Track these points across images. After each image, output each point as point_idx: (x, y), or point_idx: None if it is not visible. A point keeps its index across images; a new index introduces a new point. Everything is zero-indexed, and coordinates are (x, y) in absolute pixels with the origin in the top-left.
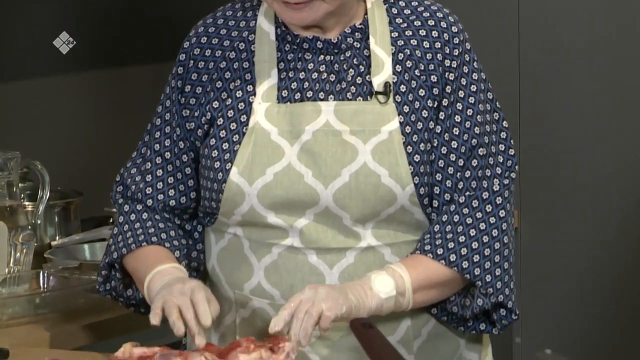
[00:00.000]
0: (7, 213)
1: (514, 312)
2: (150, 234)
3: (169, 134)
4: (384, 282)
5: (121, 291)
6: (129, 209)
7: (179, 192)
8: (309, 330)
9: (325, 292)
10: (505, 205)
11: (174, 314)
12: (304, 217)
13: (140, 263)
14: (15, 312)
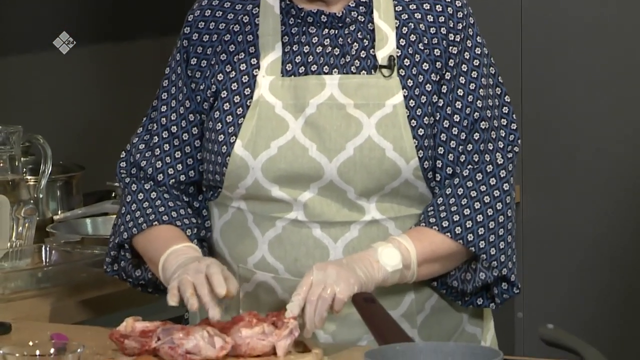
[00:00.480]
0: (9, 187)
1: (516, 286)
2: (160, 212)
3: (175, 108)
4: (391, 255)
5: (130, 272)
6: (137, 187)
7: (187, 166)
8: (324, 314)
9: (335, 273)
10: (509, 179)
11: (188, 290)
12: (308, 191)
13: (152, 243)
14: (17, 286)
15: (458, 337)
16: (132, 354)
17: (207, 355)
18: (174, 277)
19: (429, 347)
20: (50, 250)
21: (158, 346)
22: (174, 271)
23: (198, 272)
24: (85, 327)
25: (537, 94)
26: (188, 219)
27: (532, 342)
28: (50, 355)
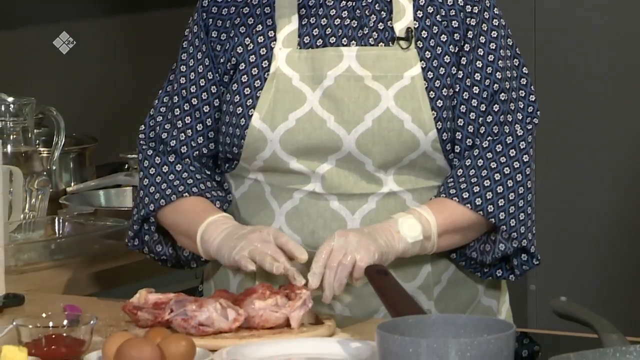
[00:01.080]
0: (23, 159)
1: (535, 257)
2: (189, 184)
3: (195, 80)
4: (412, 226)
5: (152, 246)
6: (161, 160)
7: (208, 139)
8: (344, 281)
9: (356, 240)
10: (529, 150)
11: (267, 259)
12: (326, 163)
13: (184, 216)
14: (30, 258)
15: (474, 309)
16: (145, 326)
17: (220, 327)
18: (236, 250)
19: (441, 319)
20: (63, 222)
21: (171, 318)
22: (225, 245)
23: (266, 242)
24: (98, 299)
25: (550, 64)
26: (215, 191)
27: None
28: (63, 327)
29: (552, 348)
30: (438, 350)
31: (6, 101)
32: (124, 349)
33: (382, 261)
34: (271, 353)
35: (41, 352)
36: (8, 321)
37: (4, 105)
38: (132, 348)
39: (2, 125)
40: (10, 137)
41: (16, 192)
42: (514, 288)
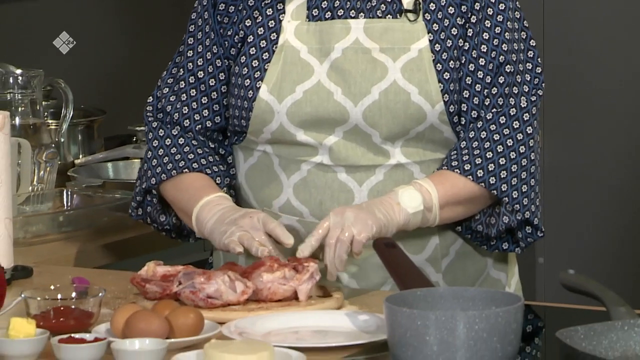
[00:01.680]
0: (31, 131)
1: (539, 230)
2: (190, 159)
3: (202, 53)
4: (412, 197)
5: (155, 217)
6: (164, 133)
7: (213, 112)
8: (344, 257)
9: (353, 215)
10: (532, 122)
11: (255, 245)
12: (334, 135)
13: (182, 192)
14: (38, 230)
15: (483, 282)
16: (154, 298)
17: (228, 300)
18: (227, 234)
19: (449, 292)
20: (72, 194)
21: (179, 290)
22: (217, 227)
23: (256, 229)
24: (106, 271)
25: (559, 37)
26: (217, 166)
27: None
28: (71, 299)
29: (560, 321)
30: (446, 322)
31: (14, 73)
32: (132, 321)
33: (382, 234)
34: (279, 325)
35: (49, 324)
36: (16, 293)
37: (12, 77)
38: (141, 320)
39: (11, 97)
40: (19, 109)
41: (24, 164)
42: (522, 261)
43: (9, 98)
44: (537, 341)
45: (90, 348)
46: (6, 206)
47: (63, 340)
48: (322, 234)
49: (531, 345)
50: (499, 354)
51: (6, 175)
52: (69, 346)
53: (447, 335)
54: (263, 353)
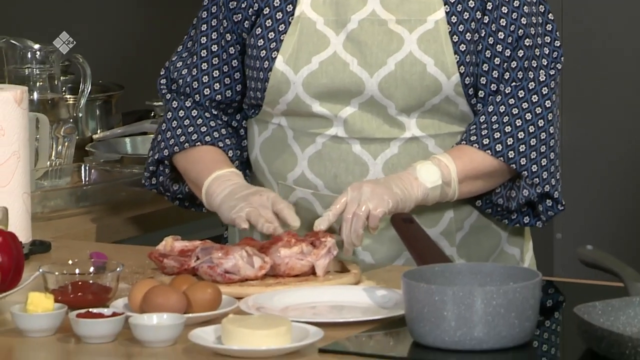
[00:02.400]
0: (49, 106)
1: (560, 203)
2: (202, 132)
3: (216, 27)
4: (430, 172)
5: (168, 186)
6: (178, 105)
7: (224, 86)
8: (360, 231)
9: (369, 190)
10: (551, 96)
11: (261, 220)
12: (349, 106)
13: (194, 165)
14: (57, 205)
15: (497, 257)
16: (171, 273)
17: (246, 275)
18: (235, 210)
19: (467, 268)
20: (90, 169)
21: (197, 265)
22: (226, 201)
23: (264, 207)
24: (124, 246)
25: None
26: (229, 139)
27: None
28: (89, 274)
29: (578, 297)
30: (464, 298)
31: (32, 48)
32: (150, 296)
33: (399, 209)
34: (297, 301)
35: (67, 299)
36: (34, 268)
37: (30, 52)
38: (158, 295)
39: (29, 72)
40: (37, 84)
41: (42, 139)
42: (539, 237)
43: (27, 73)
44: (555, 317)
45: (108, 323)
46: (24, 181)
47: (81, 315)
48: (339, 209)
49: (549, 320)
50: (517, 329)
51: (24, 150)
52: (86, 321)
53: (464, 311)
54: (280, 328)
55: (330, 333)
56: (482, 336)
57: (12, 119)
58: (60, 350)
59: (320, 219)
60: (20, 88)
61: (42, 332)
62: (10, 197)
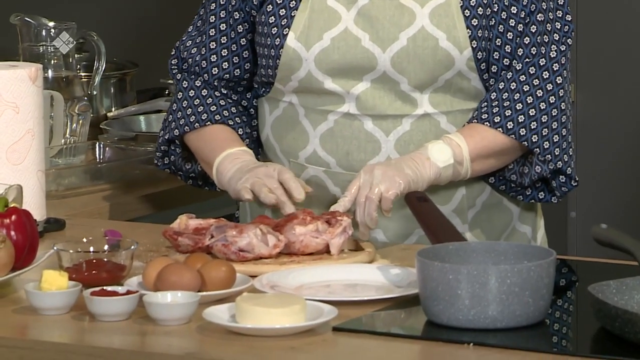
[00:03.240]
0: (64, 84)
1: (573, 179)
2: (212, 112)
3: (224, 5)
4: (441, 151)
5: (180, 165)
6: (188, 84)
7: (233, 64)
8: (374, 214)
9: (381, 173)
10: (562, 72)
11: (264, 189)
12: (362, 83)
13: (205, 143)
14: (71, 183)
15: (509, 235)
16: (186, 251)
17: (260, 253)
18: (241, 180)
19: (481, 246)
20: (104, 147)
21: (211, 244)
22: (235, 176)
23: (270, 177)
24: (138, 224)
25: None
26: (239, 117)
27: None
28: (104, 252)
29: (592, 275)
30: (478, 277)
31: (47, 26)
32: (164, 274)
33: (412, 190)
34: (311, 279)
35: (82, 276)
36: (49, 246)
37: (45, 30)
38: (173, 273)
39: (43, 50)
40: (51, 62)
41: (57, 117)
42: (554, 215)
43: (42, 51)
44: (569, 295)
45: (123, 301)
46: (39, 159)
47: (95, 292)
48: (354, 193)
49: (563, 299)
50: (531, 308)
51: (39, 127)
52: (101, 299)
53: (479, 289)
54: (295, 306)
55: (345, 311)
56: (496, 315)
57: (27, 96)
58: (75, 328)
59: (336, 205)
60: (35, 65)
61: (56, 310)
62: (25, 175)
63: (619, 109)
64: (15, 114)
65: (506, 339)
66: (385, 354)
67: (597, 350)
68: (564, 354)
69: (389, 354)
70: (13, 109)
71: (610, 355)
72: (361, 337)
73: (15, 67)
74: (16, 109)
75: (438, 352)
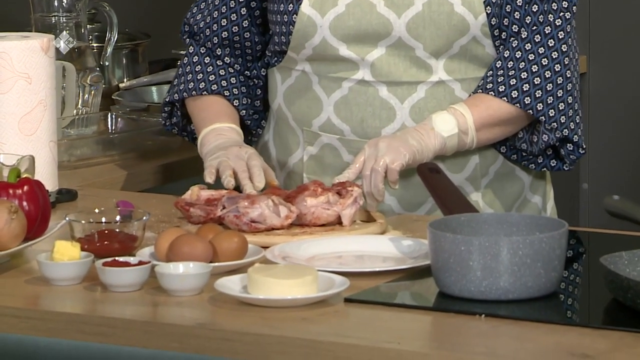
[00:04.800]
0: (76, 54)
1: (580, 147)
2: (210, 81)
3: None
4: (445, 121)
5: (184, 126)
6: (193, 50)
7: (242, 29)
8: (380, 186)
9: (385, 145)
10: (567, 40)
11: (227, 172)
12: (377, 49)
13: (199, 111)
14: (83, 154)
15: (520, 205)
16: (197, 222)
17: (272, 224)
18: (213, 156)
19: (493, 217)
20: (116, 117)
21: (223, 215)
22: (212, 151)
23: (239, 159)
24: (150, 194)
25: None
26: (238, 88)
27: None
28: (116, 223)
29: (604, 247)
30: (490, 248)
31: None
32: (176, 245)
33: (417, 161)
34: (323, 250)
35: (94, 247)
36: (61, 216)
37: (57, 0)
38: (185, 244)
39: (55, 20)
40: (63, 32)
41: (69, 87)
42: (565, 187)
43: (54, 21)
44: (581, 267)
45: (134, 271)
46: (51, 129)
47: (107, 263)
48: (358, 167)
49: (575, 271)
50: (543, 279)
51: (51, 98)
52: (113, 269)
53: (490, 261)
54: (306, 277)
55: (356, 283)
56: (508, 286)
57: (39, 67)
58: (87, 299)
59: (339, 176)
60: (47, 36)
61: (68, 281)
62: (37, 146)
63: (632, 79)
64: (28, 84)
65: (518, 310)
66: (397, 325)
67: (609, 321)
68: (575, 325)
69: (401, 325)
70: (25, 80)
71: (623, 326)
72: (373, 308)
73: (28, 37)
74: (28, 80)
75: (450, 323)
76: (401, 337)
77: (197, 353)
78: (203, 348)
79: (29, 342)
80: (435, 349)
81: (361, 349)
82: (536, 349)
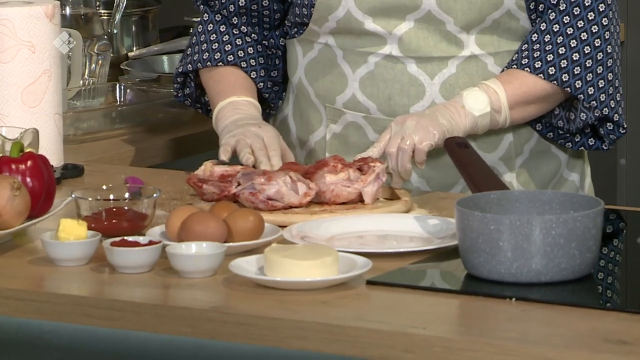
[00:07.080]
0: (82, 22)
1: (621, 126)
2: (226, 51)
3: None
4: (477, 99)
5: (198, 97)
6: (208, 18)
7: None
8: (407, 166)
9: (414, 123)
10: (608, 12)
11: (245, 149)
12: (404, 23)
13: (215, 84)
14: (90, 127)
15: (556, 183)
16: (211, 200)
17: (290, 202)
18: (230, 134)
19: (525, 195)
20: (125, 88)
21: (238, 192)
22: (228, 127)
23: (257, 137)
24: (161, 170)
25: None
26: (255, 59)
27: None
28: (124, 200)
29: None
30: (521, 227)
31: None
32: (188, 223)
33: None
34: (343, 230)
35: (101, 226)
36: (66, 193)
37: None
38: (197, 223)
39: None
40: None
41: (75, 56)
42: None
43: None
44: (618, 248)
45: (144, 252)
46: (56, 101)
47: (115, 243)
48: (383, 145)
49: (611, 252)
50: (577, 260)
51: (56, 68)
52: (121, 249)
53: (522, 241)
54: (326, 258)
55: (379, 264)
56: (541, 268)
57: (43, 35)
58: (94, 281)
59: (362, 153)
60: (52, 2)
61: (74, 261)
62: (41, 118)
63: None
64: (31, 53)
65: (551, 294)
66: (422, 309)
67: None
68: (612, 309)
69: (426, 309)
70: (29, 49)
71: None
72: (396, 291)
73: (31, 3)
74: (32, 49)
75: (478, 307)
76: (426, 321)
77: (210, 338)
78: (217, 333)
79: (32, 326)
80: (463, 335)
81: (384, 334)
82: (569, 335)
